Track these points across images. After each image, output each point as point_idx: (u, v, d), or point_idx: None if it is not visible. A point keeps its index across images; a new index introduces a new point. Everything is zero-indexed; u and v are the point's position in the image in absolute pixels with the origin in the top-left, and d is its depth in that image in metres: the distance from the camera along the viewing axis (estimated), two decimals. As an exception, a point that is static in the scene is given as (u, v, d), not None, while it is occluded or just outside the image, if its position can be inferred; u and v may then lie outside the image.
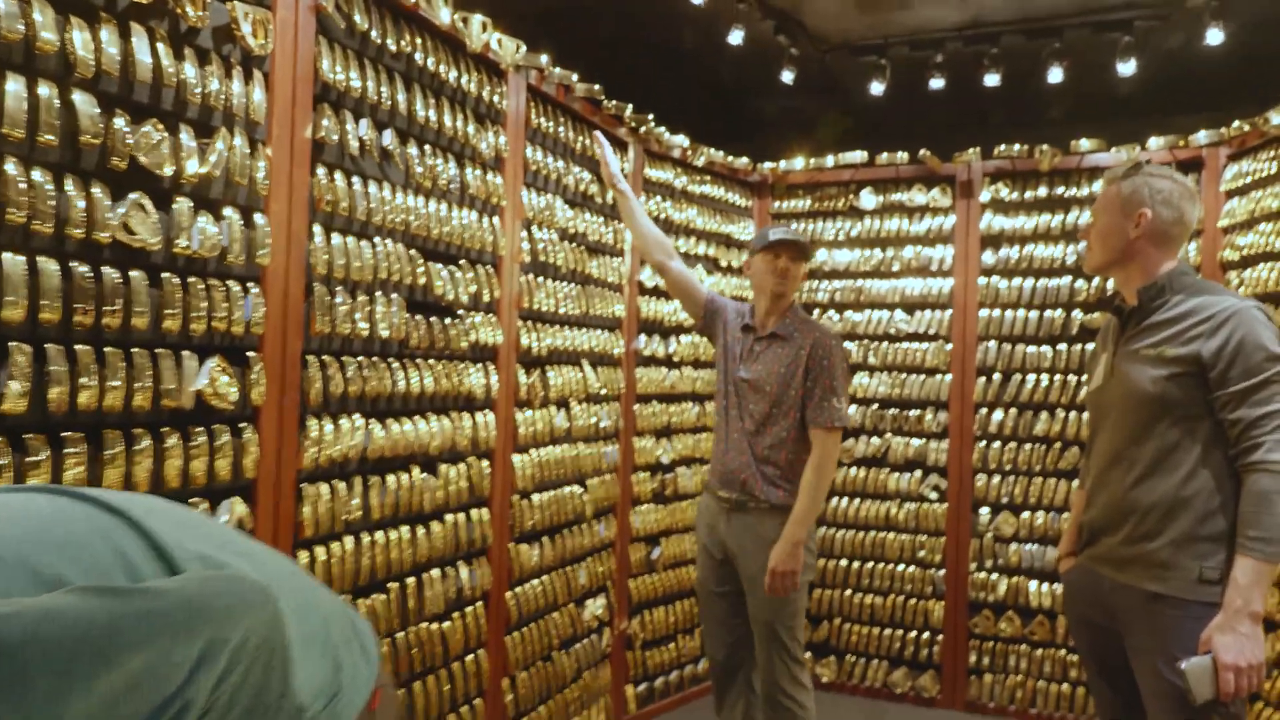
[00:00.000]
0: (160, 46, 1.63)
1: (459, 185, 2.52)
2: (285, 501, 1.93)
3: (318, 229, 2.01)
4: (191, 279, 1.70)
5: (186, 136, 1.67)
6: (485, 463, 2.66)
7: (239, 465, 1.80)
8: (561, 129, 3.06)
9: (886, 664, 4.04)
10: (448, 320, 2.47)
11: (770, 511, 2.73)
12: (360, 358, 2.15)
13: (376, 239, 2.19)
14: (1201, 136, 3.56)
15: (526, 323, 2.87)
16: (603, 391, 3.34)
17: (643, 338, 3.64)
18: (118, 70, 1.55)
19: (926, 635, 3.98)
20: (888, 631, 4.03)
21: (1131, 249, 1.95)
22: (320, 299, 2.00)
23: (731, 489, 2.81)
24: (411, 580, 2.35)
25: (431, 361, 2.40)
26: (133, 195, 1.57)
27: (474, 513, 2.62)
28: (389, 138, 2.23)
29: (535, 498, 2.94)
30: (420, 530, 2.37)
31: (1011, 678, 3.84)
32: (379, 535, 2.22)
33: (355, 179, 2.12)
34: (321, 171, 2.02)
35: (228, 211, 1.77)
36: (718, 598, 2.90)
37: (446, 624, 2.49)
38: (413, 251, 2.32)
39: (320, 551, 2.03)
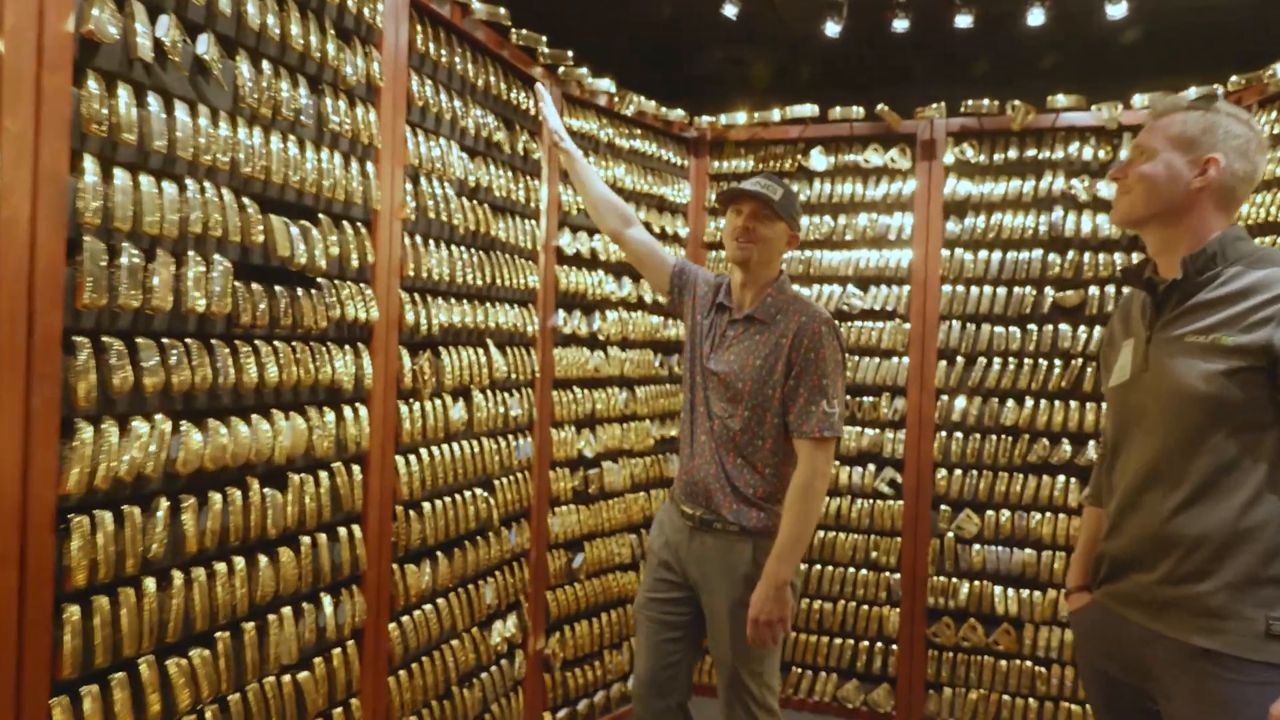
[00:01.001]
0: None
1: (315, 118, 1.97)
2: (39, 539, 1.39)
3: (90, 163, 1.45)
4: None
5: None
6: (357, 468, 2.14)
7: (-51, 496, 1.26)
8: (458, 59, 2.52)
9: (836, 676, 3.65)
10: (300, 291, 1.93)
11: (741, 536, 2.24)
12: (165, 340, 1.61)
13: (189, 181, 1.65)
14: (1192, 94, 3.17)
15: (412, 295, 2.35)
16: (513, 376, 2.84)
17: (561, 313, 3.13)
18: None
19: (880, 645, 3.61)
20: (838, 641, 3.64)
21: (1188, 202, 1.50)
22: (92, 259, 1.45)
23: (696, 504, 2.32)
24: (250, 625, 1.82)
25: (277, 344, 1.87)
26: None
27: (341, 531, 2.10)
28: (205, 45, 1.67)
29: (426, 507, 2.43)
30: (263, 560, 1.85)
31: (974, 692, 3.48)
32: (198, 572, 1.69)
33: (151, 97, 1.57)
34: (94, 84, 1.46)
35: (-82, 127, 1.21)
36: (665, 626, 2.39)
37: (303, 674, 1.97)
38: (246, 201, 1.78)
39: (102, 603, 1.50)
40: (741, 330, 2.31)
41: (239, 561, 1.79)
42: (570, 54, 2.97)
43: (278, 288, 1.86)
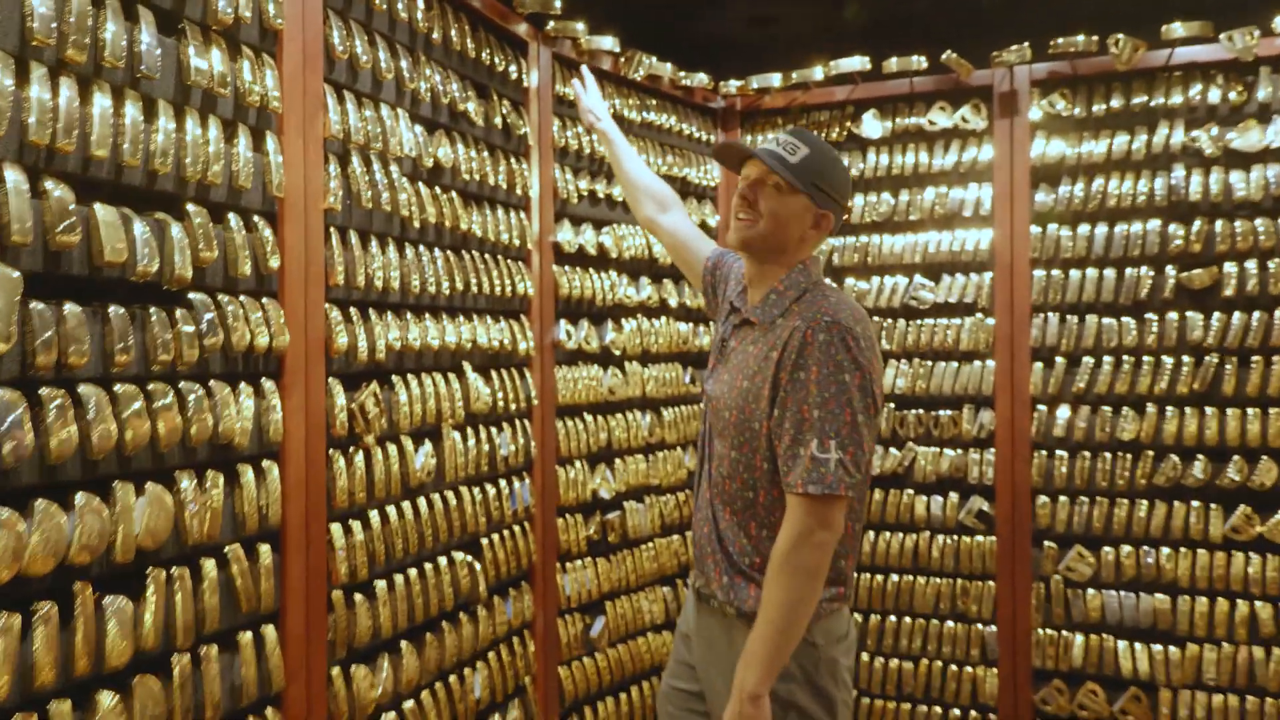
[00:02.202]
0: None
1: (172, 70, 1.42)
2: None
3: None
4: None
5: None
6: (265, 549, 1.58)
7: None
8: (402, 4, 1.95)
9: (920, 751, 3.00)
10: (154, 313, 1.37)
11: (738, 622, 1.65)
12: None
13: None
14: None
15: (346, 310, 1.78)
16: (501, 406, 2.27)
17: (564, 325, 2.55)
18: None
19: (976, 714, 2.96)
20: (922, 709, 3.00)
21: None
22: None
23: (698, 570, 1.77)
24: (88, 794, 1.27)
25: (118, 389, 1.31)
26: None
27: (243, 638, 1.53)
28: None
29: (379, 586, 1.86)
30: (105, 699, 1.29)
31: (1094, 772, 2.81)
32: (-19, 736, 1.14)
33: None
34: None
35: None
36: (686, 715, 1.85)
37: (190, 842, 1.41)
38: (50, 185, 1.22)
39: None
40: (742, 337, 1.74)
41: (60, 707, 1.23)
42: (558, 3, 2.39)
43: (113, 309, 1.31)
